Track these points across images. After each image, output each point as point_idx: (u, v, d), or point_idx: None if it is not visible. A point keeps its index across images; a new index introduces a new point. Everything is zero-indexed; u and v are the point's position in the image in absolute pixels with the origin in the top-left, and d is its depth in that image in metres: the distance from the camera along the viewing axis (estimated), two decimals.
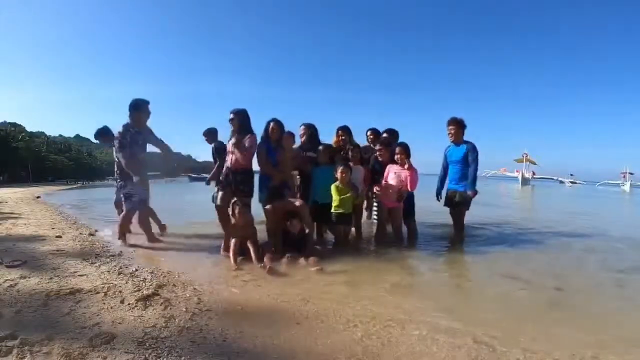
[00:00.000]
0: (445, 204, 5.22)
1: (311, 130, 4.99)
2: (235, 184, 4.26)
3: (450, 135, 5.09)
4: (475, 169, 4.98)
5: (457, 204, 5.07)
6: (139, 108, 4.55)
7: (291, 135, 4.89)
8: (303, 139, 4.99)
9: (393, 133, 5.63)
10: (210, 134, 5.95)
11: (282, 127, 4.57)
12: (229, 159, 4.31)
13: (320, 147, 4.72)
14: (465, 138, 5.05)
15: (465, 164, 5.00)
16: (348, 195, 4.38)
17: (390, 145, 5.04)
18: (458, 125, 5.06)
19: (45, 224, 6.20)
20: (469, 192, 4.96)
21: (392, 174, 4.75)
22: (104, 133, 5.55)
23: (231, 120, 4.37)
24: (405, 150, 4.76)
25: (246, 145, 4.20)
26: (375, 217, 5.71)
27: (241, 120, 4.32)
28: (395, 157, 4.76)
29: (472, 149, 4.97)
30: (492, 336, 2.14)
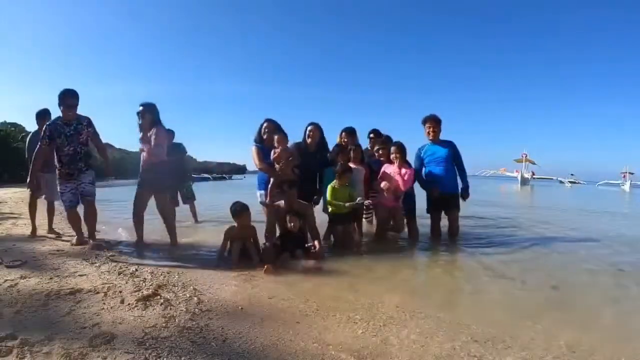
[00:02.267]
0: (434, 207, 5.13)
1: (320, 132, 4.87)
2: (149, 181, 4.35)
3: (428, 134, 5.04)
4: (465, 170, 5.02)
5: (451, 207, 5.03)
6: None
7: (284, 135, 4.76)
8: (310, 141, 4.80)
9: (380, 134, 5.61)
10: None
11: (277, 127, 4.69)
12: (142, 155, 4.42)
13: (336, 149, 4.78)
14: (452, 137, 5.05)
15: (450, 164, 4.95)
16: (345, 196, 4.39)
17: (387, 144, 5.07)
18: (437, 123, 5.01)
19: (45, 224, 6.17)
20: (464, 195, 4.96)
21: (388, 174, 4.76)
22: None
23: (140, 113, 4.33)
24: (401, 149, 4.78)
25: (152, 140, 4.22)
26: (365, 217, 5.73)
27: (151, 114, 4.34)
28: (392, 156, 4.78)
29: (457, 150, 4.98)
30: (491, 335, 2.14)
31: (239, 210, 3.95)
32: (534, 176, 45.95)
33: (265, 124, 4.72)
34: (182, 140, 6.29)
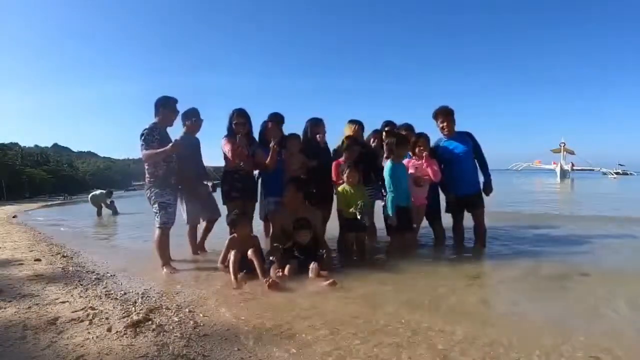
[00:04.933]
0: (454, 207, 5.07)
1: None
2: None
3: (442, 129, 4.95)
4: (486, 163, 4.96)
5: (475, 206, 4.95)
6: None
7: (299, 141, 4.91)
8: (319, 137, 4.96)
9: (394, 125, 5.54)
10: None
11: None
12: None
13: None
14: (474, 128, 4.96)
15: (470, 159, 4.87)
16: (357, 192, 4.37)
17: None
18: (449, 115, 4.92)
19: (22, 246, 6.26)
20: (487, 190, 4.91)
21: (413, 169, 4.68)
22: None
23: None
24: (428, 142, 4.75)
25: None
26: None
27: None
28: (418, 149, 4.73)
29: (476, 141, 4.90)
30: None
31: (237, 219, 3.95)
32: (573, 168, 45.60)
33: (270, 124, 4.90)
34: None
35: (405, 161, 4.75)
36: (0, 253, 5.50)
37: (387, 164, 4.47)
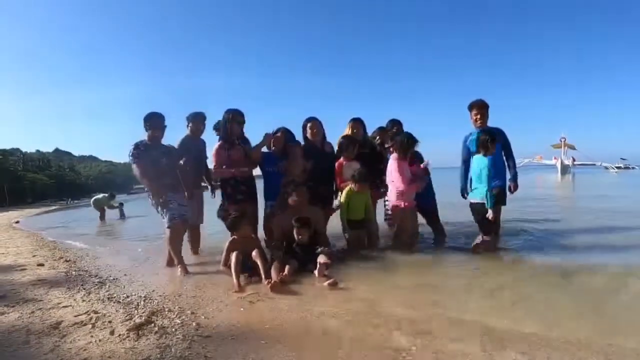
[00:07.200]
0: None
1: (322, 126, 5.05)
2: None
3: (476, 121, 4.97)
4: (514, 160, 4.97)
5: (496, 203, 4.95)
6: None
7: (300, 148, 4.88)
8: (314, 138, 4.96)
9: (400, 124, 5.53)
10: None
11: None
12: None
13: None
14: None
15: (498, 153, 4.87)
16: (360, 197, 4.40)
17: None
18: (484, 108, 4.94)
19: (25, 251, 6.29)
20: (512, 186, 4.90)
21: (408, 171, 4.69)
22: None
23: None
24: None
25: None
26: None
27: None
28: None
29: (506, 137, 4.90)
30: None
31: (237, 221, 3.94)
32: (574, 163, 45.59)
33: (280, 132, 4.82)
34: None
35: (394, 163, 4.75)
36: (4, 258, 5.53)
37: (484, 159, 4.35)
